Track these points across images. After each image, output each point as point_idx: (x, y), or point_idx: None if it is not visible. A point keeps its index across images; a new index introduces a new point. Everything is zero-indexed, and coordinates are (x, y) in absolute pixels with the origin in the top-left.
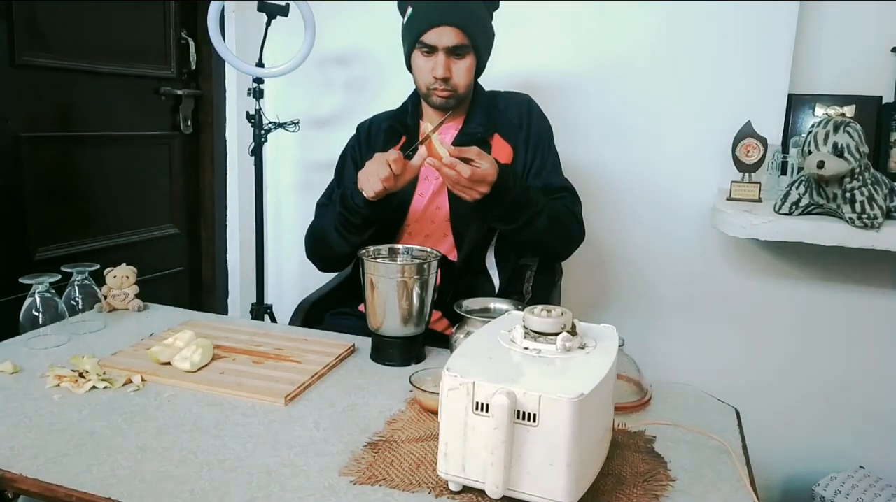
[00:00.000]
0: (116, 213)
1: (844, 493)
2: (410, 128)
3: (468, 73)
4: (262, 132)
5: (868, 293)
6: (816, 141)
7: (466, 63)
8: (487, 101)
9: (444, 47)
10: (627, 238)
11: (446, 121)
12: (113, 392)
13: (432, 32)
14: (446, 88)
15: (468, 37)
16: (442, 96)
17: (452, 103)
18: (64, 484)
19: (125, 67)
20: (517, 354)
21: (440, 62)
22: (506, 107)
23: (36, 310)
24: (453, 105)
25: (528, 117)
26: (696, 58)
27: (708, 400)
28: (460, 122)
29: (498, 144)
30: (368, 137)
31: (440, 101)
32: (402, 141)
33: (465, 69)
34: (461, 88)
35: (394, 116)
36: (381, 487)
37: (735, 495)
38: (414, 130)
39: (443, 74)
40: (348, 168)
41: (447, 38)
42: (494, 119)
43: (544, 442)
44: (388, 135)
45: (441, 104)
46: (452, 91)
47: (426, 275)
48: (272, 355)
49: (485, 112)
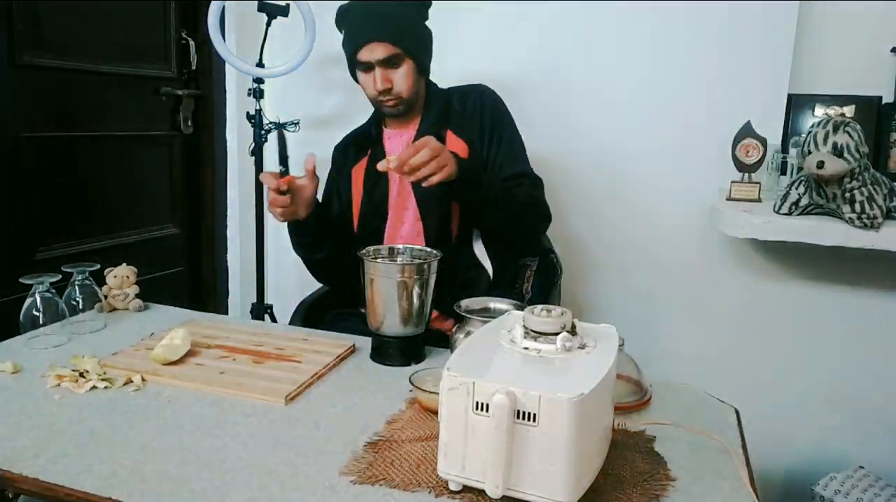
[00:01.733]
0: (117, 213)
1: (844, 493)
2: (374, 140)
3: (407, 79)
4: (262, 132)
5: (867, 293)
6: (816, 141)
7: (403, 70)
8: (441, 100)
9: (377, 61)
10: (627, 237)
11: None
12: (113, 392)
13: (364, 50)
14: (390, 98)
15: (398, 46)
16: (389, 105)
17: (402, 109)
18: (64, 484)
19: (125, 68)
20: (517, 354)
21: (378, 76)
22: (457, 100)
23: (36, 309)
24: (403, 110)
25: (480, 106)
26: (696, 57)
27: (708, 399)
28: (416, 126)
29: (452, 141)
30: (342, 157)
31: (390, 110)
32: (366, 155)
33: (403, 76)
34: (405, 93)
35: (360, 132)
36: (382, 487)
37: (735, 495)
38: (378, 141)
39: (382, 87)
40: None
41: (378, 53)
42: (447, 115)
43: (544, 441)
44: (354, 150)
45: (391, 113)
46: (396, 98)
47: (426, 275)
48: (272, 355)
49: (438, 112)
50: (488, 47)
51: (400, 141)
